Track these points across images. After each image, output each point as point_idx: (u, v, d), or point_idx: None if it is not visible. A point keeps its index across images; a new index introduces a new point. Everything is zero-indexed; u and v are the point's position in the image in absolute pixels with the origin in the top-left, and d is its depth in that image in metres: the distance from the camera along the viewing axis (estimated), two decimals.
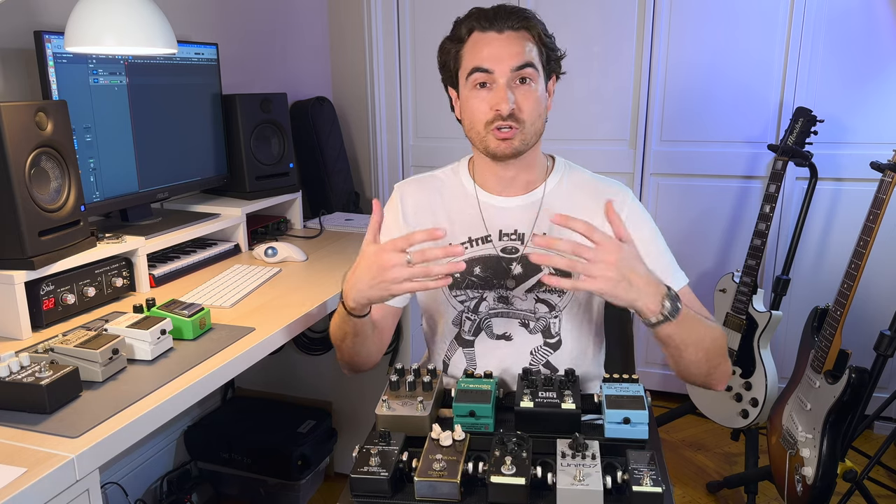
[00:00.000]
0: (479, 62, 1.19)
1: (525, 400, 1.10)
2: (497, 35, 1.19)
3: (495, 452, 0.99)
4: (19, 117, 1.29)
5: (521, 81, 1.19)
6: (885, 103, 2.35)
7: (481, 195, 1.31)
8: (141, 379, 1.18)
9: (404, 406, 1.12)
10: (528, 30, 1.20)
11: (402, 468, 1.02)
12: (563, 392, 1.12)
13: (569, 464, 0.96)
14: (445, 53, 1.26)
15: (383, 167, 3.01)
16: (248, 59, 2.44)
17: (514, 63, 1.18)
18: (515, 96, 1.18)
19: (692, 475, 2.36)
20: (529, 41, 1.20)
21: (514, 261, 1.28)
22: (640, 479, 0.93)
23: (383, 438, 1.05)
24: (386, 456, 1.02)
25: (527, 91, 1.19)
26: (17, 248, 1.31)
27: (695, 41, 2.50)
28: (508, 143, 1.20)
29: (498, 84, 1.18)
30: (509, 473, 0.95)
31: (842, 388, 1.77)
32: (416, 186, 1.38)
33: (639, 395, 1.09)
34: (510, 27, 1.19)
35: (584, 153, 2.69)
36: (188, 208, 2.02)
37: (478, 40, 1.20)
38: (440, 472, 0.97)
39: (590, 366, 1.37)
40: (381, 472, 0.99)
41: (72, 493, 0.95)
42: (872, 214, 1.77)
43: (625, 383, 1.13)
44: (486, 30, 1.19)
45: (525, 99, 1.19)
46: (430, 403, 1.13)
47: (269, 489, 2.14)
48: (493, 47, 1.18)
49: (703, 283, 2.66)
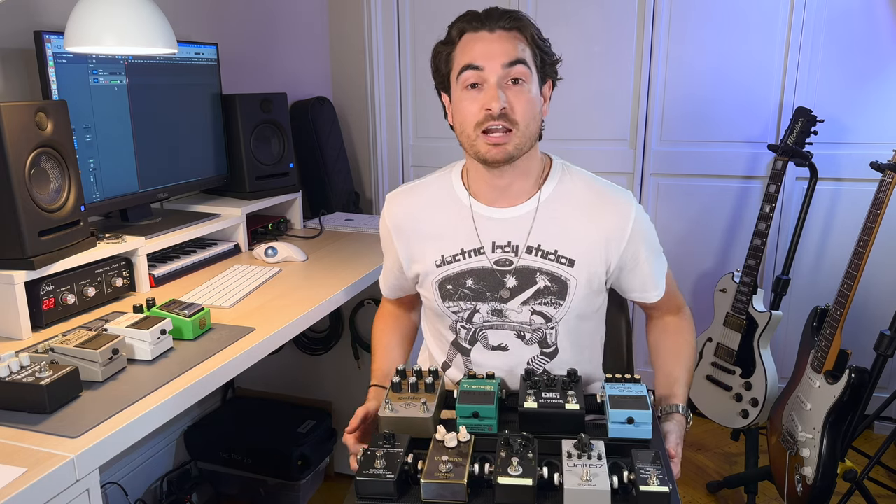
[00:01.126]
0: (470, 59, 1.16)
1: (529, 400, 1.10)
2: (488, 34, 1.16)
3: (501, 453, 0.99)
4: (19, 117, 1.30)
5: (513, 82, 1.16)
6: (885, 103, 2.35)
7: (475, 206, 1.27)
8: (141, 379, 1.18)
9: (407, 408, 1.12)
10: (520, 30, 1.17)
11: (408, 470, 1.01)
12: (567, 392, 1.11)
13: (575, 464, 0.96)
14: (437, 57, 1.24)
15: (383, 167, 3.01)
16: (248, 59, 2.44)
17: (504, 59, 1.14)
18: (507, 96, 1.15)
19: (692, 475, 2.36)
20: (522, 41, 1.17)
21: (508, 273, 1.26)
22: (647, 479, 0.93)
23: (388, 440, 1.04)
24: (391, 458, 1.01)
25: (519, 91, 1.16)
26: (17, 248, 1.31)
27: (695, 41, 2.50)
28: (501, 149, 1.16)
29: (489, 83, 1.15)
30: (516, 474, 0.95)
31: (842, 388, 1.77)
32: (404, 198, 1.35)
33: (642, 395, 1.09)
34: (502, 27, 1.16)
35: (584, 153, 2.69)
36: (188, 208, 2.02)
37: (468, 39, 1.18)
38: (446, 474, 0.96)
39: (588, 371, 1.36)
40: (386, 474, 0.98)
41: (72, 493, 0.95)
42: (872, 214, 1.76)
43: (627, 383, 1.13)
44: (477, 29, 1.17)
45: (517, 99, 1.15)
46: (433, 405, 1.12)
47: (269, 489, 2.14)
48: (484, 45, 1.16)
49: (703, 283, 2.66)
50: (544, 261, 1.24)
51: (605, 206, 1.25)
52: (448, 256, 1.28)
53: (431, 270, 1.30)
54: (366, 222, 2.38)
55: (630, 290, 1.32)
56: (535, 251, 1.24)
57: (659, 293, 1.31)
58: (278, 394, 2.40)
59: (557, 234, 1.24)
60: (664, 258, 1.34)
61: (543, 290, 1.25)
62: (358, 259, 1.93)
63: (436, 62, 1.24)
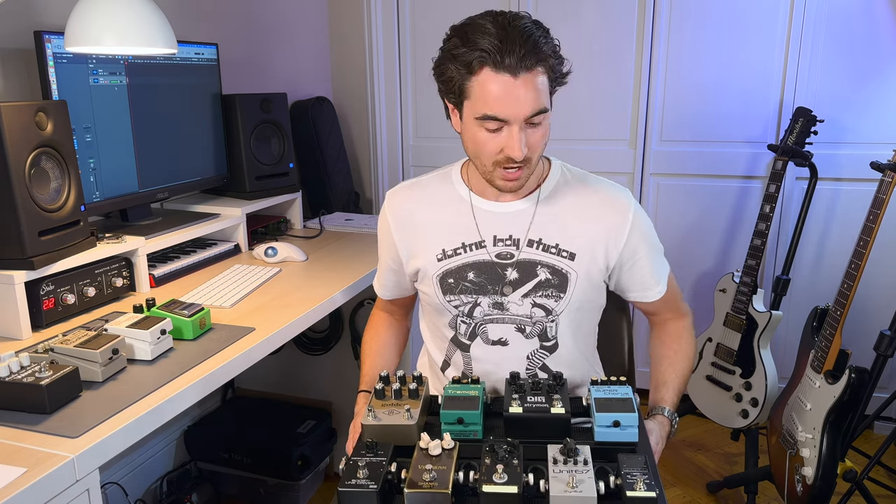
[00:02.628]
0: (493, 111, 1.11)
1: (514, 405, 1.09)
2: (512, 80, 1.09)
3: (486, 460, 0.98)
4: (19, 117, 1.30)
5: (533, 124, 1.15)
6: (885, 103, 2.35)
7: (475, 200, 1.30)
8: (141, 379, 1.18)
9: (391, 415, 1.10)
10: (540, 63, 1.11)
11: (392, 479, 1.00)
12: (552, 396, 1.11)
13: (561, 470, 0.96)
14: (447, 73, 1.15)
15: (383, 167, 3.01)
16: (248, 59, 2.44)
17: (529, 111, 1.11)
18: (527, 139, 1.14)
19: (692, 475, 2.36)
20: (542, 75, 1.12)
21: (510, 266, 1.27)
22: (634, 484, 0.92)
23: (370, 449, 1.03)
24: (374, 468, 0.99)
25: (538, 132, 1.15)
26: (17, 248, 1.31)
27: (695, 41, 2.50)
28: (515, 183, 1.19)
29: (511, 130, 1.12)
30: (501, 482, 0.94)
31: (842, 388, 1.77)
32: (405, 193, 1.36)
33: (627, 398, 1.08)
34: (525, 67, 1.09)
35: (584, 153, 2.69)
36: (188, 208, 2.02)
37: (489, 80, 1.10)
38: (430, 483, 0.95)
39: (587, 367, 1.37)
40: (369, 484, 0.97)
41: (72, 493, 0.95)
42: (872, 214, 1.77)
43: (613, 385, 1.13)
44: (499, 70, 1.09)
45: (536, 141, 1.16)
46: (416, 411, 1.11)
47: (269, 489, 2.14)
48: (509, 95, 1.10)
49: (703, 283, 2.66)
50: (545, 254, 1.26)
51: (604, 203, 1.27)
52: (449, 250, 1.29)
53: (432, 265, 1.30)
54: (366, 222, 2.38)
55: (630, 289, 1.32)
56: (537, 244, 1.26)
57: (660, 290, 1.31)
58: (278, 394, 2.40)
59: (558, 229, 1.26)
60: (665, 261, 1.34)
61: (544, 282, 1.26)
62: (358, 259, 1.93)
63: (445, 74, 1.16)
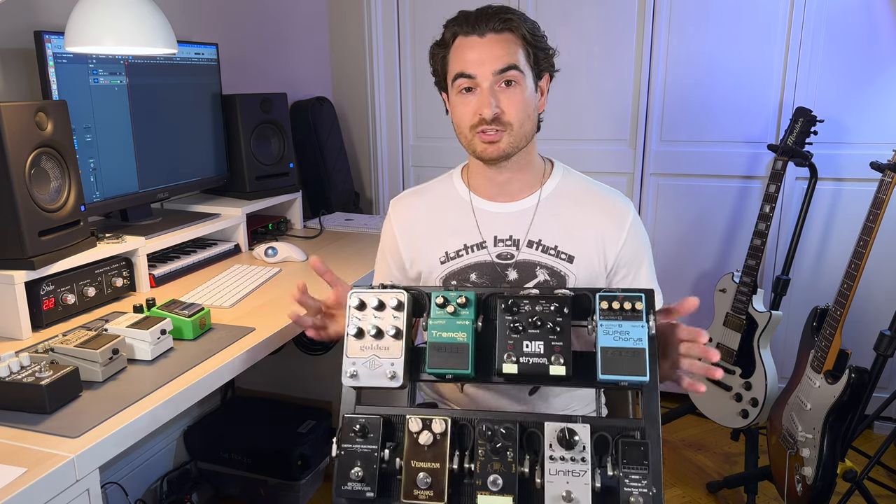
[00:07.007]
0: (462, 67, 1.18)
1: (508, 363, 1.01)
2: (479, 39, 1.18)
3: (479, 453, 0.97)
4: (19, 117, 1.30)
5: (506, 84, 1.18)
6: (885, 103, 2.35)
7: (476, 201, 1.31)
8: (141, 379, 1.18)
9: (372, 368, 1.02)
10: (511, 31, 1.18)
11: (386, 468, 0.99)
12: (552, 344, 1.01)
13: (558, 466, 0.95)
14: (433, 58, 1.26)
15: (383, 167, 3.01)
16: (248, 59, 2.44)
17: (496, 66, 1.17)
18: (500, 99, 1.18)
19: (692, 475, 2.36)
20: (513, 42, 1.18)
21: (510, 266, 1.28)
22: (629, 495, 0.92)
23: (361, 433, 1.00)
24: (367, 460, 0.98)
25: (511, 94, 1.19)
26: (17, 248, 1.31)
27: (695, 41, 2.50)
28: (495, 147, 1.20)
29: (481, 88, 1.18)
30: (496, 490, 0.94)
31: (842, 388, 1.77)
32: (409, 200, 1.39)
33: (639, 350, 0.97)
34: (492, 29, 1.17)
35: (583, 153, 2.69)
36: (188, 208, 2.02)
37: (461, 45, 1.20)
38: (426, 492, 0.96)
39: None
40: (365, 490, 0.96)
41: (72, 493, 0.95)
42: (872, 214, 1.77)
43: (625, 310, 1.01)
44: (468, 34, 1.18)
45: (510, 102, 1.18)
46: (400, 362, 1.02)
47: (269, 489, 2.14)
48: (475, 52, 1.18)
49: (703, 283, 2.66)
50: (544, 255, 1.26)
51: (604, 208, 1.28)
52: (452, 252, 1.30)
53: (435, 267, 1.31)
54: (366, 222, 2.38)
55: None
56: (536, 245, 1.27)
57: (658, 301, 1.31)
58: (278, 394, 2.40)
59: (557, 231, 1.27)
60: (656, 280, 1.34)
61: (543, 283, 1.27)
62: (358, 259, 1.93)
63: (433, 63, 1.27)
